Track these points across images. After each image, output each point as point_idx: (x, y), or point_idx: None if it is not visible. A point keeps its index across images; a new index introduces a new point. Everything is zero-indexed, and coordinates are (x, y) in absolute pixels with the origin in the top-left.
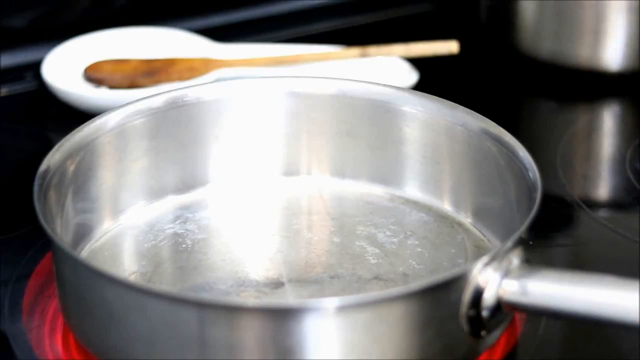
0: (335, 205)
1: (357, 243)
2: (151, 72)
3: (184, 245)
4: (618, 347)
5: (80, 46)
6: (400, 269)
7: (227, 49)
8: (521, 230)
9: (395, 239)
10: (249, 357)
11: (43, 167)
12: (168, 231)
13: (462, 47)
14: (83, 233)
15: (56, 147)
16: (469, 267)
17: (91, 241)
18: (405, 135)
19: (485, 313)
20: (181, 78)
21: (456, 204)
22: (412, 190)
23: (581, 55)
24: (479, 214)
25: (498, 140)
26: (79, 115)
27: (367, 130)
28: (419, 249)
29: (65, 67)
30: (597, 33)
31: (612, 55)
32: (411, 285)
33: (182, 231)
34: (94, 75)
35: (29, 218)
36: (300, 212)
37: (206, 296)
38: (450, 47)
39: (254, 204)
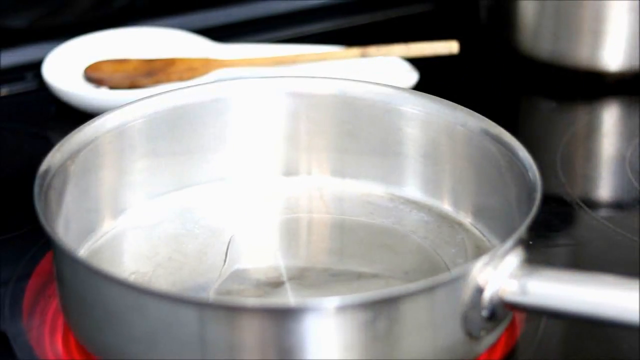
0: (335, 205)
1: (356, 243)
2: (151, 72)
3: (184, 246)
4: (618, 347)
5: (80, 46)
6: (401, 268)
7: (227, 49)
8: (521, 230)
9: (395, 239)
10: (249, 357)
11: (43, 167)
12: (168, 231)
13: (462, 47)
14: (83, 233)
15: (56, 147)
16: (469, 267)
17: (91, 241)
18: (405, 135)
19: (485, 313)
20: (181, 78)
21: (456, 204)
22: (412, 190)
23: (581, 55)
24: (479, 214)
25: (498, 140)
26: (79, 115)
27: (367, 130)
28: (419, 249)
29: (65, 67)
30: (597, 33)
31: (612, 55)
32: (411, 285)
33: (182, 231)
34: (94, 75)
35: (29, 218)
36: (300, 212)
37: (206, 296)
38: (450, 47)
39: (254, 204)
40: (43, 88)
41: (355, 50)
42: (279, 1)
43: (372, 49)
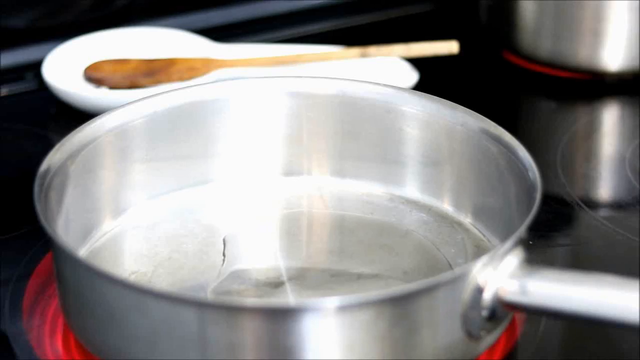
0: (335, 205)
1: (356, 243)
2: (151, 72)
3: (184, 245)
4: (618, 347)
5: (80, 46)
6: (401, 268)
7: (227, 49)
8: (521, 230)
9: (395, 239)
10: (249, 357)
11: (43, 167)
12: (168, 231)
13: (462, 47)
14: (83, 233)
15: (56, 147)
16: (469, 267)
17: (91, 241)
18: (405, 135)
19: (484, 313)
20: (181, 78)
21: (456, 204)
22: (412, 190)
23: (581, 55)
24: (479, 214)
25: (498, 140)
26: (79, 115)
27: (367, 131)
28: (419, 249)
29: (65, 67)
30: (597, 33)
31: (612, 55)
32: (411, 285)
33: (182, 231)
34: (94, 75)
35: (29, 218)
36: (300, 212)
37: (206, 296)
38: (450, 47)
39: (254, 204)
40: (43, 88)
41: (355, 50)
42: (279, 1)
43: (372, 49)
